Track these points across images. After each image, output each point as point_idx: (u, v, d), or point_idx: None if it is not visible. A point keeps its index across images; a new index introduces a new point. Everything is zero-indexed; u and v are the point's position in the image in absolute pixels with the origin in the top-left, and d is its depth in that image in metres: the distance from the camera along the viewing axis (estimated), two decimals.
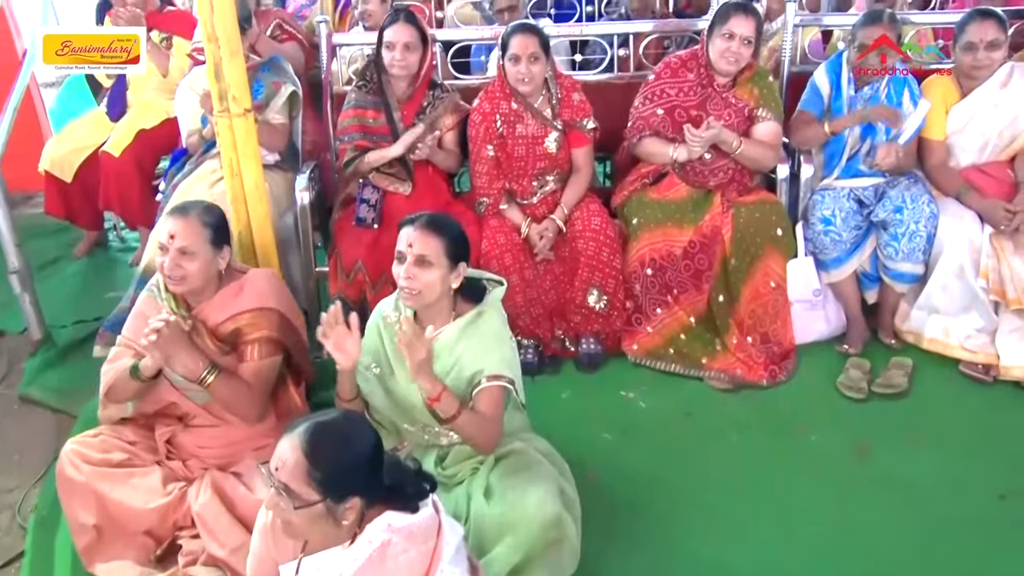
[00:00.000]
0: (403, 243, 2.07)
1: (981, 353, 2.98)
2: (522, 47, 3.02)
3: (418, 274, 2.03)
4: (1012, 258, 2.93)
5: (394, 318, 2.18)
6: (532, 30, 3.07)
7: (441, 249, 2.04)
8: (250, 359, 2.27)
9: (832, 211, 3.10)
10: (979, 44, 2.99)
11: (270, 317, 2.30)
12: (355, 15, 4.25)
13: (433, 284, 2.04)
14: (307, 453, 1.52)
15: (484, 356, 2.07)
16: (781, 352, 3.05)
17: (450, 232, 2.08)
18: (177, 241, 2.21)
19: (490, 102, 3.14)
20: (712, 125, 2.99)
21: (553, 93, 3.15)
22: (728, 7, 3.08)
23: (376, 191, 3.15)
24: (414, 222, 2.08)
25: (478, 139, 3.14)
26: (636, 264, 3.06)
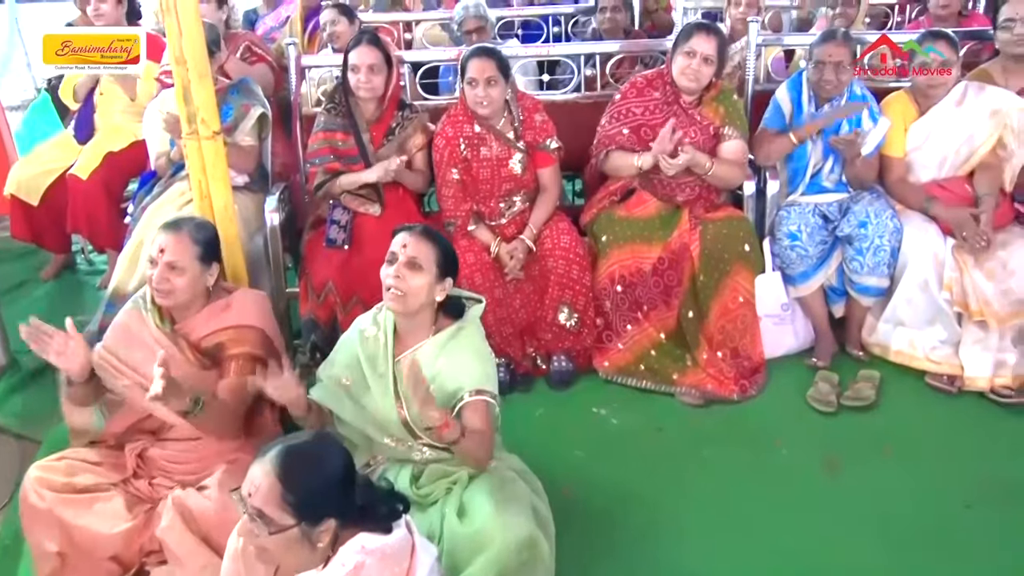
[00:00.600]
0: (397, 245, 2.09)
1: (946, 364, 3.03)
2: (479, 71, 3.04)
3: (407, 275, 2.05)
4: (974, 271, 2.98)
5: (372, 332, 2.17)
6: (489, 53, 3.09)
7: (433, 257, 2.08)
8: (230, 374, 2.27)
9: (798, 227, 3.15)
10: (933, 64, 3.07)
11: (253, 335, 2.31)
12: (324, 37, 4.26)
13: (420, 289, 2.06)
14: (280, 477, 1.51)
15: (465, 371, 2.07)
16: (751, 367, 3.07)
17: (443, 245, 2.13)
18: (166, 255, 2.24)
19: (453, 126, 3.16)
20: (686, 151, 3.03)
21: (515, 115, 3.18)
22: (691, 26, 3.14)
23: (346, 212, 3.15)
24: (411, 229, 2.12)
25: (443, 163, 3.15)
26: (606, 281, 3.08)
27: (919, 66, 3.12)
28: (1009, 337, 2.96)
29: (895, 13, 4.96)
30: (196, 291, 2.28)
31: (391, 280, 2.05)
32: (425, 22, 5.06)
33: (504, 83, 3.09)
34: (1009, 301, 2.94)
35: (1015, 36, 3.14)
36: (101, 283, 3.89)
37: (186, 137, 2.55)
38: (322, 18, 4.21)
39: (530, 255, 3.12)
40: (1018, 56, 3.18)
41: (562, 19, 5.05)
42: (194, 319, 2.31)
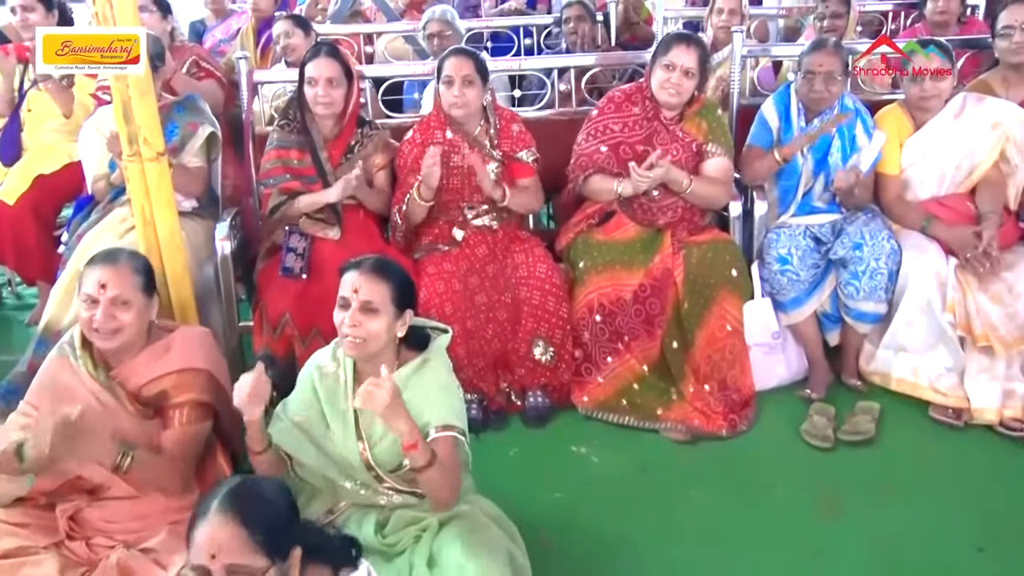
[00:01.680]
0: (347, 288, 2.09)
1: (951, 396, 3.07)
2: (455, 68, 3.13)
3: (363, 322, 2.06)
4: (978, 293, 3.04)
5: (331, 369, 2.19)
6: (467, 53, 3.21)
7: (388, 295, 2.08)
8: (176, 425, 2.24)
9: (788, 250, 3.21)
10: (924, 74, 3.16)
11: (199, 378, 2.28)
12: (277, 51, 4.31)
13: (379, 333, 2.07)
14: (242, 521, 1.53)
15: (430, 406, 2.09)
16: (740, 400, 3.11)
17: (397, 277, 2.13)
18: (110, 290, 2.20)
19: (423, 132, 3.23)
20: (660, 164, 3.09)
21: (492, 123, 3.25)
22: (670, 37, 3.23)
23: (304, 238, 3.17)
24: (359, 266, 2.11)
25: (405, 168, 3.23)
26: (584, 310, 3.12)
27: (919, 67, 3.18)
28: (1017, 365, 3.01)
29: (889, 20, 5.10)
30: (142, 327, 2.26)
31: (347, 329, 2.07)
32: (387, 34, 5.12)
33: (482, 86, 3.18)
34: (1016, 325, 2.99)
35: (1014, 44, 3.24)
36: (31, 319, 3.86)
37: (127, 159, 2.55)
38: (275, 30, 4.26)
39: (503, 281, 3.15)
40: (1017, 65, 3.28)
41: (534, 31, 5.15)
42: (132, 364, 2.26)
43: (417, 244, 3.29)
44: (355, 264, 2.13)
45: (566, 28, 4.66)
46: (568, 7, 4.75)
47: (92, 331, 2.22)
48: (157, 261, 2.65)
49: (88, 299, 2.22)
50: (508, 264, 3.19)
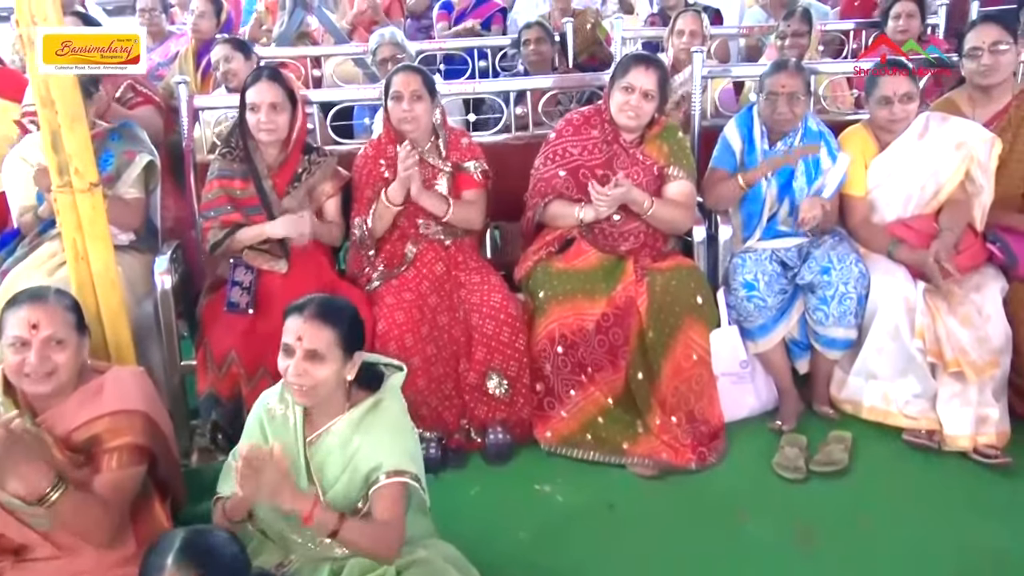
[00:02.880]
0: (290, 335, 2.08)
1: (923, 419, 3.13)
2: (404, 84, 3.20)
3: (309, 370, 2.05)
4: (947, 317, 3.11)
5: (280, 410, 2.18)
6: (415, 69, 3.31)
7: (334, 341, 2.07)
8: (107, 469, 2.19)
9: (754, 275, 3.26)
10: (894, 97, 3.23)
11: (134, 421, 2.25)
12: (218, 75, 4.31)
13: (326, 380, 2.07)
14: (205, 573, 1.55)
15: (382, 450, 2.09)
16: (709, 432, 3.14)
17: (343, 320, 2.12)
18: (43, 330, 2.17)
19: (374, 148, 3.32)
20: (620, 183, 3.13)
21: (441, 136, 3.31)
22: (628, 59, 3.30)
23: (249, 271, 3.15)
24: (302, 310, 2.09)
25: (360, 182, 3.29)
26: (545, 342, 3.14)
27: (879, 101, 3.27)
28: (989, 389, 3.07)
29: (850, 39, 5.24)
30: (76, 367, 2.24)
31: (293, 379, 2.06)
32: (336, 57, 5.15)
33: (430, 101, 3.24)
34: (986, 349, 3.06)
35: (982, 66, 3.32)
36: None
37: (57, 190, 2.53)
38: (213, 55, 4.25)
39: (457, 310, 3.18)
40: (985, 86, 3.38)
41: (489, 52, 5.20)
42: (61, 408, 2.22)
43: (369, 272, 3.30)
44: (297, 308, 2.11)
45: (526, 50, 4.72)
46: (527, 28, 4.82)
47: (23, 376, 2.18)
48: (91, 298, 2.63)
49: (17, 342, 2.18)
50: (463, 285, 3.23)
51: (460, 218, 3.30)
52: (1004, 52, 3.29)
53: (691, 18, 4.50)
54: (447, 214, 3.25)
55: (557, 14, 5.57)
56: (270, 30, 5.70)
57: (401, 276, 3.24)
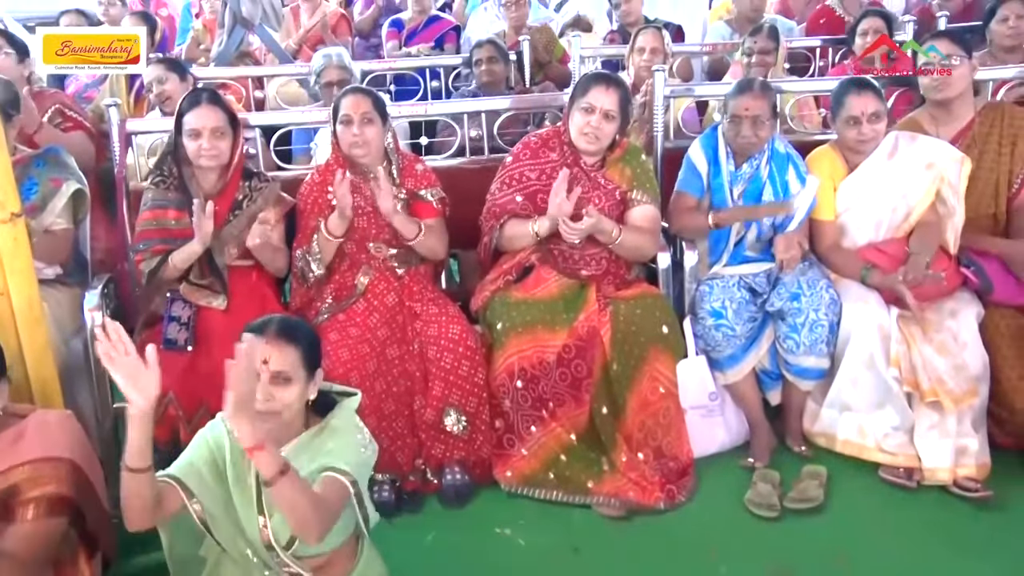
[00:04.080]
0: (255, 359, 2.08)
1: (901, 455, 3.16)
2: (353, 107, 3.21)
3: (276, 393, 2.07)
4: (923, 345, 3.16)
5: (229, 435, 2.17)
6: (364, 91, 3.32)
7: (298, 359, 2.10)
8: (21, 520, 2.15)
9: (722, 302, 3.30)
10: (862, 117, 3.30)
11: (59, 469, 2.21)
12: (151, 98, 4.28)
13: (292, 402, 2.09)
14: None
15: (325, 455, 2.09)
16: (678, 468, 3.15)
17: (305, 338, 2.16)
18: None
19: (322, 174, 3.32)
20: (590, 214, 3.15)
21: (395, 161, 3.32)
22: (588, 78, 3.33)
23: (188, 306, 3.14)
24: (263, 331, 2.11)
25: (305, 211, 3.29)
26: (504, 376, 3.14)
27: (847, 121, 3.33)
28: (968, 420, 3.11)
29: (816, 57, 5.35)
30: None
31: (260, 405, 2.05)
32: (280, 78, 5.15)
33: (382, 125, 3.26)
34: (964, 378, 3.11)
35: (935, 81, 3.41)
36: None
37: None
38: (146, 76, 4.22)
39: (411, 331, 3.19)
40: (942, 101, 3.46)
41: (441, 72, 5.24)
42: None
43: (317, 305, 3.28)
44: (257, 329, 2.12)
45: (478, 70, 4.76)
46: (479, 47, 4.86)
47: None
48: (12, 337, 2.59)
49: None
50: (418, 316, 3.22)
51: (426, 245, 3.30)
52: (956, 66, 3.38)
53: (652, 35, 4.54)
54: (417, 237, 3.24)
55: (512, 32, 5.62)
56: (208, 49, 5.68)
57: (349, 309, 3.23)
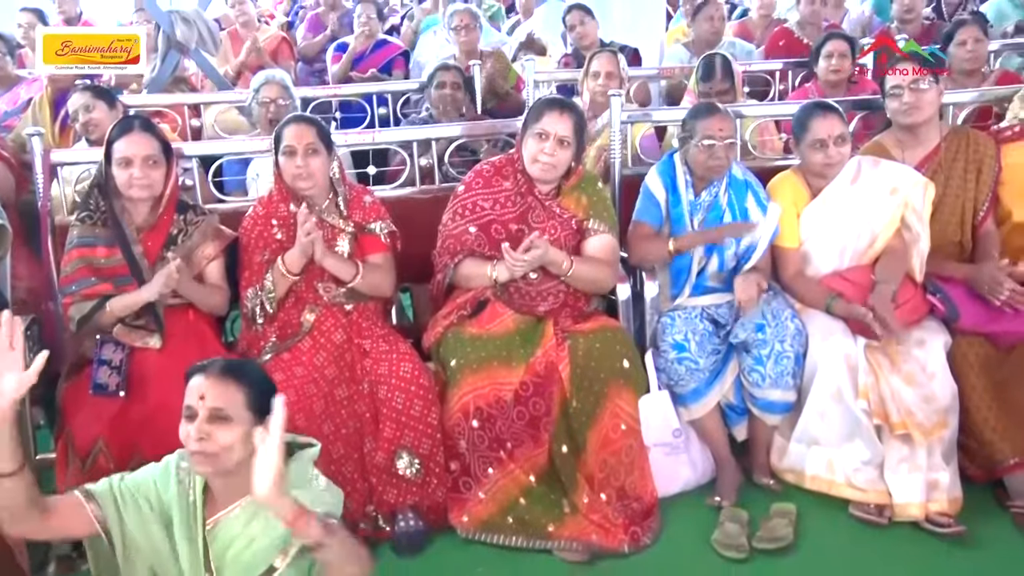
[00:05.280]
0: (193, 396, 2.09)
1: (871, 491, 3.21)
2: (296, 137, 3.22)
3: (213, 433, 2.05)
4: (891, 375, 3.23)
5: (183, 479, 2.17)
6: (308, 120, 3.33)
7: (242, 400, 2.09)
8: None
9: (684, 335, 3.34)
10: (828, 140, 3.37)
11: None
12: (77, 127, 4.25)
13: (232, 445, 2.06)
14: None
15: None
16: (642, 509, 3.16)
17: (252, 379, 2.14)
18: None
19: (265, 206, 3.33)
20: (536, 244, 3.17)
21: (341, 193, 3.33)
22: (541, 103, 3.38)
23: (120, 348, 3.10)
24: (205, 369, 2.11)
25: (250, 246, 3.28)
26: (459, 416, 3.14)
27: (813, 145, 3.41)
28: (939, 452, 3.17)
29: (777, 80, 5.47)
30: None
31: (195, 444, 2.05)
32: (218, 105, 5.14)
33: (327, 155, 3.27)
34: (933, 409, 3.17)
35: (904, 105, 3.50)
36: None
37: None
38: (71, 104, 4.19)
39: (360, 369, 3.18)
40: (910, 126, 3.56)
41: (389, 98, 5.27)
42: None
43: (261, 344, 3.28)
44: (201, 368, 2.13)
45: (439, 93, 4.77)
46: (444, 70, 4.86)
47: None
48: None
49: None
50: (367, 354, 3.22)
51: (369, 284, 3.31)
52: (925, 90, 3.47)
53: (607, 59, 4.58)
54: (355, 279, 3.26)
55: (463, 57, 5.67)
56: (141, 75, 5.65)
57: (294, 348, 3.23)
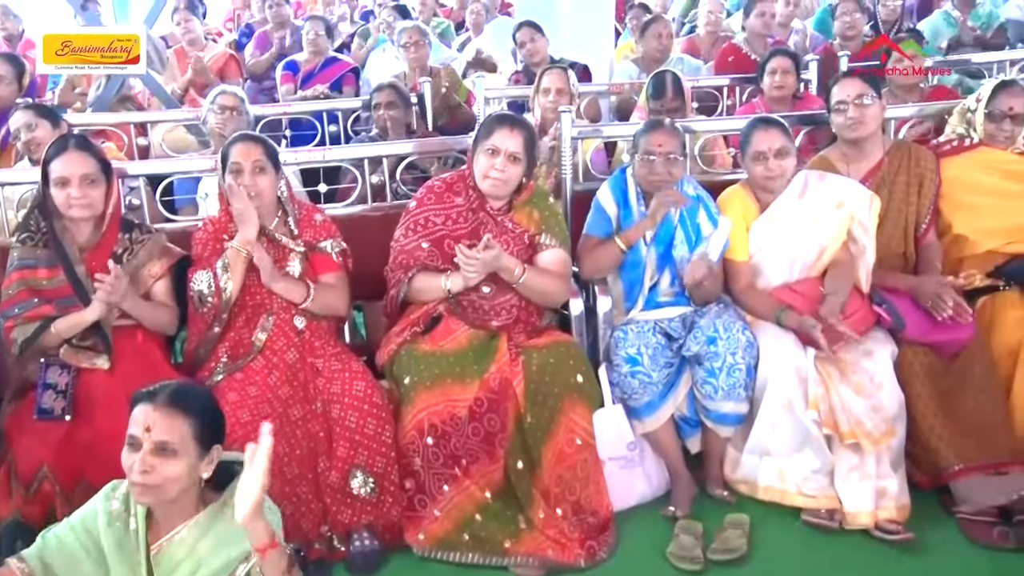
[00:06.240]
0: (137, 426, 2.06)
1: (821, 497, 3.25)
2: (243, 155, 3.22)
3: (158, 466, 2.03)
4: (840, 386, 3.28)
5: (117, 508, 2.14)
6: (255, 138, 3.33)
7: (189, 432, 2.07)
8: None
9: (637, 348, 3.36)
10: (768, 152, 3.45)
11: None
12: (19, 146, 4.20)
13: (177, 477, 2.05)
14: None
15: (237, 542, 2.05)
16: (598, 523, 3.17)
17: (200, 409, 2.13)
18: None
19: (215, 223, 3.31)
20: (491, 245, 3.19)
21: (290, 212, 3.33)
22: (492, 120, 3.40)
23: (65, 371, 3.07)
24: (152, 398, 2.09)
25: (202, 260, 3.27)
26: (413, 433, 3.14)
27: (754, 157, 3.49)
28: (887, 460, 3.23)
29: (724, 96, 5.56)
30: None
31: (137, 476, 2.03)
32: (165, 123, 5.09)
33: (275, 174, 3.27)
34: (882, 418, 3.23)
35: (849, 120, 3.59)
36: None
37: None
38: (12, 123, 4.14)
39: (312, 389, 3.17)
40: (855, 140, 3.64)
41: (339, 116, 5.26)
42: None
43: (211, 364, 3.25)
44: (148, 395, 2.10)
45: (376, 114, 4.78)
46: (378, 91, 4.88)
47: None
48: None
49: None
50: (320, 373, 3.21)
51: (321, 304, 3.31)
52: (869, 106, 3.57)
53: (557, 75, 4.62)
54: (307, 301, 3.25)
55: (414, 73, 5.68)
56: (84, 93, 5.59)
57: (247, 367, 3.20)
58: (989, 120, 3.69)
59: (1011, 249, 3.56)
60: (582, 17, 6.86)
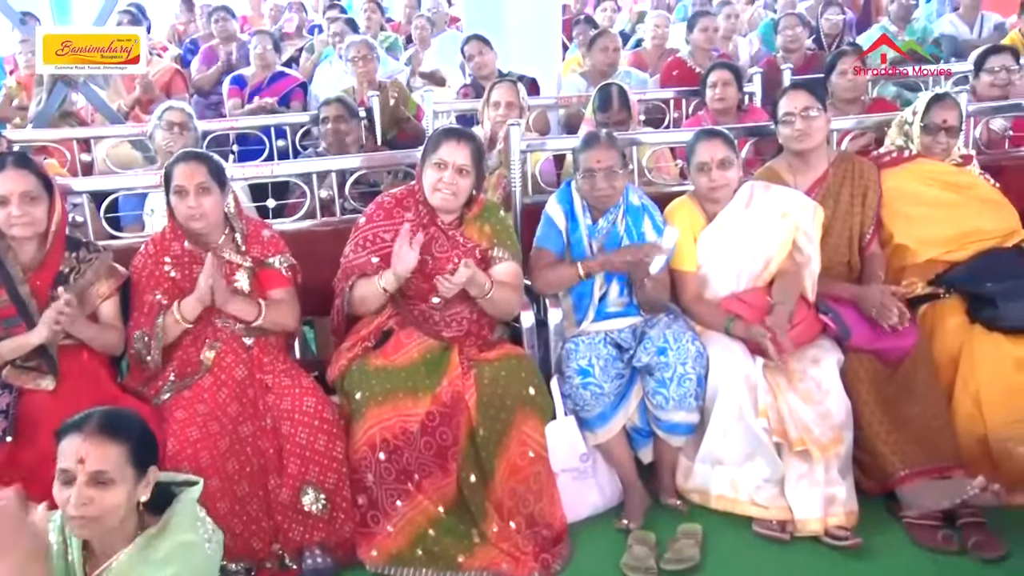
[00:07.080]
0: (68, 459, 2.01)
1: (773, 508, 3.29)
2: (187, 176, 3.18)
3: (96, 497, 1.99)
4: (788, 394, 3.32)
5: (56, 540, 2.09)
6: (199, 157, 3.28)
7: (123, 458, 2.03)
8: None
9: (588, 360, 3.38)
10: (712, 163, 3.50)
11: None
12: None
13: (117, 506, 2.01)
14: None
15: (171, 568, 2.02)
16: (552, 536, 3.18)
17: (132, 432, 2.08)
18: None
19: (157, 244, 3.27)
20: (468, 265, 3.19)
21: (237, 228, 3.32)
22: (439, 133, 3.39)
23: (7, 392, 3.02)
24: (81, 427, 2.03)
25: (140, 285, 3.23)
26: (365, 449, 3.12)
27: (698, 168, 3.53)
28: (835, 468, 3.27)
29: (671, 108, 5.62)
30: None
31: (74, 510, 1.99)
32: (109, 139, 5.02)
33: (220, 192, 3.24)
34: (829, 425, 3.28)
35: (796, 131, 3.65)
36: None
37: None
38: None
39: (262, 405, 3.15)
40: (801, 152, 3.71)
41: (288, 131, 5.24)
42: None
43: (159, 383, 3.21)
44: (74, 425, 2.05)
45: (324, 128, 4.77)
46: (326, 105, 4.86)
47: None
48: None
49: None
50: (270, 390, 3.19)
51: (272, 321, 3.30)
52: (815, 118, 3.64)
53: (506, 89, 4.63)
54: (258, 318, 3.23)
55: (362, 87, 5.67)
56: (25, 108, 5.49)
57: (195, 385, 3.17)
58: (925, 132, 3.78)
59: (950, 257, 3.64)
60: (530, 31, 6.91)
